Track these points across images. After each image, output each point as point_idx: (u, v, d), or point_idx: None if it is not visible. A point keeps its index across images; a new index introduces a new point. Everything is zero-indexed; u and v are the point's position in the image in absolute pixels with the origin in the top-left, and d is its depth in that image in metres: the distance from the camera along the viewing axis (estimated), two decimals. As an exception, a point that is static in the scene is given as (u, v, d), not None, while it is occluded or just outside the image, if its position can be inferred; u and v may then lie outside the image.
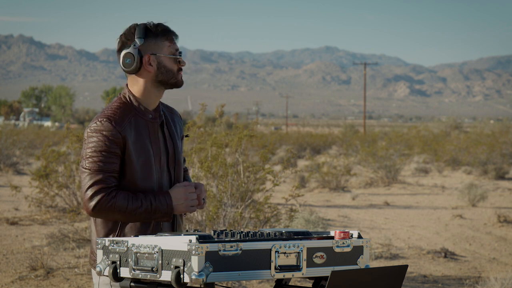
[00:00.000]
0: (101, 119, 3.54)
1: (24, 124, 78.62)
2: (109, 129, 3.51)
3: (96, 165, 3.50)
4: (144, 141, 3.60)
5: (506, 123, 52.08)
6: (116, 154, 3.52)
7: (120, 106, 3.61)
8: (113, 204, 3.48)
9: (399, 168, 24.05)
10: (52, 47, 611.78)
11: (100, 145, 3.50)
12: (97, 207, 3.49)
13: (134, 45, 3.60)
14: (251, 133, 9.59)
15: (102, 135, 3.51)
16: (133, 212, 3.50)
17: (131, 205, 3.49)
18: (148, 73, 3.63)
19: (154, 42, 3.62)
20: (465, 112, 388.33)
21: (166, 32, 3.64)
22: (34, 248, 10.28)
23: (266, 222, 9.04)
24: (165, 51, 3.63)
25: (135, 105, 3.63)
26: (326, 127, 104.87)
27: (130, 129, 3.56)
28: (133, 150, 3.55)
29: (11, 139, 25.69)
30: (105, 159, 3.50)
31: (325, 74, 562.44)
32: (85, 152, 3.54)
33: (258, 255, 3.13)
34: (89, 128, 3.54)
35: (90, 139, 3.52)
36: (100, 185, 3.49)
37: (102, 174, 3.49)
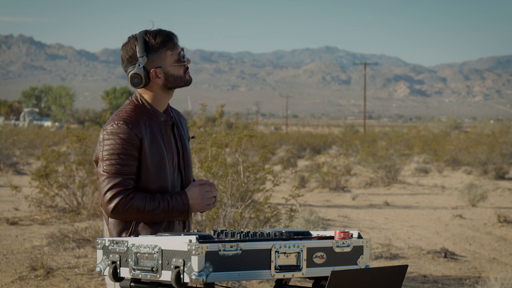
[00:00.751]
0: (117, 121, 3.58)
1: (24, 124, 78.62)
2: (126, 132, 3.56)
3: (114, 168, 3.55)
4: (158, 143, 3.65)
5: (506, 123, 52.10)
6: (134, 156, 3.58)
7: (134, 109, 3.67)
8: (131, 205, 3.54)
9: (399, 168, 24.05)
10: (52, 47, 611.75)
11: (118, 148, 3.55)
12: (116, 209, 3.54)
13: (138, 65, 3.64)
14: (251, 133, 9.59)
15: (119, 138, 3.56)
16: (151, 213, 3.56)
17: (149, 206, 3.55)
18: (157, 84, 3.70)
19: (157, 55, 3.66)
20: (465, 112, 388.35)
21: (165, 43, 3.68)
22: (34, 248, 10.28)
23: (266, 222, 9.04)
24: (169, 61, 3.67)
25: (148, 108, 3.69)
26: (326, 127, 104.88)
27: (145, 131, 3.62)
28: (148, 152, 3.60)
29: (11, 139, 25.69)
30: (123, 161, 3.55)
31: (325, 74, 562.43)
32: (102, 155, 3.58)
33: (258, 255, 3.13)
34: (105, 131, 3.59)
35: (107, 142, 3.57)
36: (118, 188, 3.54)
37: (120, 177, 3.55)
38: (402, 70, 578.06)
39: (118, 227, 3.63)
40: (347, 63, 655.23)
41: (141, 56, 3.64)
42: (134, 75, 3.65)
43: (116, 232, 3.63)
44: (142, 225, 3.62)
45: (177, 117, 3.85)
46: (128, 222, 3.62)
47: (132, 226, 3.62)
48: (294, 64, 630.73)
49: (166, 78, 3.68)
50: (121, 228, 3.63)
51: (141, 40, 3.65)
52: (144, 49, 3.65)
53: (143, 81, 3.66)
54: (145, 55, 3.64)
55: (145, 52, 3.65)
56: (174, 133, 3.77)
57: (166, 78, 3.68)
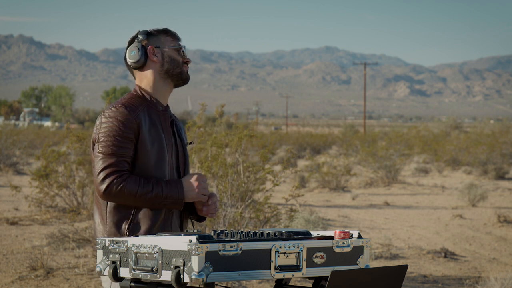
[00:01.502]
0: (116, 105, 3.59)
1: (24, 124, 78.62)
2: (123, 114, 3.55)
3: (110, 149, 3.53)
4: (158, 130, 3.65)
5: (506, 123, 52.09)
6: (130, 139, 3.55)
7: (133, 97, 3.68)
8: (123, 187, 3.49)
9: (399, 168, 24.05)
10: (52, 47, 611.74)
11: (114, 130, 3.53)
12: (107, 189, 3.49)
13: (137, 40, 3.70)
14: (251, 133, 9.59)
15: (116, 120, 3.54)
16: (143, 196, 3.50)
17: (142, 189, 3.50)
18: (154, 64, 3.70)
19: (157, 38, 3.73)
20: (465, 112, 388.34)
21: (167, 30, 3.77)
22: (34, 248, 10.28)
23: (266, 222, 9.03)
24: (168, 44, 3.72)
25: (146, 97, 3.69)
26: (326, 127, 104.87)
27: (144, 117, 3.61)
28: (147, 137, 3.59)
29: (11, 139, 25.69)
30: (118, 143, 3.53)
31: (325, 74, 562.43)
32: (98, 137, 3.56)
33: (258, 255, 3.13)
34: (103, 115, 3.58)
35: (104, 125, 3.56)
36: (111, 168, 3.51)
37: (115, 158, 3.52)
38: (402, 70, 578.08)
39: (117, 215, 3.57)
40: (347, 63, 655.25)
41: (141, 34, 3.71)
42: (131, 47, 3.69)
43: (115, 221, 3.56)
44: (143, 213, 3.56)
45: (177, 121, 3.86)
46: (127, 209, 3.56)
47: (132, 214, 3.56)
48: (294, 64, 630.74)
49: (163, 58, 3.69)
50: (121, 217, 3.57)
51: (142, 30, 3.74)
52: (145, 32, 3.73)
53: (140, 54, 3.67)
54: (145, 37, 3.71)
55: (145, 35, 3.72)
56: (174, 130, 3.76)
57: (163, 57, 3.69)
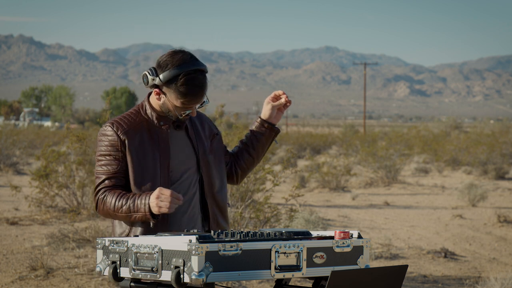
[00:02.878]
0: (106, 123, 3.68)
1: (24, 124, 78.63)
2: (109, 133, 3.64)
3: (101, 168, 3.65)
4: (149, 147, 3.65)
5: (506, 123, 52.09)
6: (116, 157, 3.62)
7: (131, 113, 3.72)
8: (104, 202, 3.60)
9: (399, 168, 24.04)
10: (52, 47, 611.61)
11: (103, 150, 3.65)
12: (97, 208, 3.65)
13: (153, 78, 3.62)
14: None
15: (105, 139, 3.65)
16: (118, 210, 3.57)
17: (116, 204, 3.57)
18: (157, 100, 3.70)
19: (171, 91, 3.62)
20: (465, 112, 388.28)
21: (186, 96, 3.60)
22: (34, 248, 10.27)
23: (266, 222, 9.03)
24: (176, 103, 3.64)
25: (145, 112, 3.71)
26: (326, 127, 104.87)
27: (134, 134, 3.64)
28: (135, 154, 3.62)
29: (11, 139, 25.68)
30: (107, 162, 3.63)
31: (325, 74, 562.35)
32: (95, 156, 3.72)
33: (258, 255, 3.13)
34: (99, 132, 3.69)
35: (98, 143, 3.67)
36: (99, 187, 3.64)
37: (104, 177, 3.63)
38: (402, 70, 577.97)
39: (121, 229, 3.69)
40: (347, 63, 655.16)
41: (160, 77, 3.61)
42: (145, 75, 3.66)
43: (117, 234, 3.70)
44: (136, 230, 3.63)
45: (198, 119, 3.84)
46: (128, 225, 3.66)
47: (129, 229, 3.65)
48: (294, 64, 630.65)
49: (163, 103, 3.68)
50: (121, 231, 3.68)
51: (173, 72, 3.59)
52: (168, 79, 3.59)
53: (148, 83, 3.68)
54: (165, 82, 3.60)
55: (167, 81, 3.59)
56: (188, 135, 3.76)
57: (162, 103, 3.68)
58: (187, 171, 3.71)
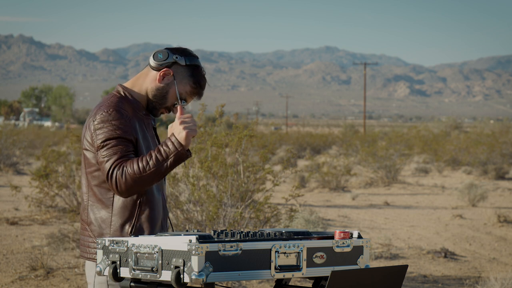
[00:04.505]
0: (107, 109, 3.53)
1: (24, 124, 78.66)
2: (117, 117, 3.51)
3: (111, 150, 3.47)
4: (144, 132, 3.64)
5: (506, 123, 52.03)
6: (128, 140, 3.51)
7: (119, 100, 3.61)
8: (125, 172, 3.43)
9: (399, 168, 24.05)
10: (52, 47, 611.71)
11: (111, 134, 3.48)
12: (118, 184, 3.44)
13: (175, 56, 3.62)
14: (251, 133, 9.58)
15: (110, 124, 3.50)
16: (145, 170, 3.41)
17: (140, 165, 3.42)
18: (154, 80, 3.65)
19: (186, 75, 3.64)
20: (465, 112, 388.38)
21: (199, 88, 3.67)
22: (34, 248, 10.28)
23: (266, 222, 9.03)
24: (181, 89, 3.64)
25: (130, 99, 3.65)
26: (326, 127, 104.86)
27: (133, 120, 3.59)
28: (140, 139, 3.58)
29: (11, 139, 25.69)
30: (117, 142, 3.48)
31: (325, 74, 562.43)
32: (97, 144, 3.51)
33: (258, 255, 3.13)
34: (96, 121, 3.53)
35: (99, 131, 3.51)
36: (114, 164, 3.45)
37: (116, 156, 3.46)
38: (402, 70, 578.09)
39: (122, 218, 3.56)
40: (347, 63, 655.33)
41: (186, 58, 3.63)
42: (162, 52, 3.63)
43: (120, 224, 3.55)
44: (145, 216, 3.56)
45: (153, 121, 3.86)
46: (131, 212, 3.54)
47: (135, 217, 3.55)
48: (294, 64, 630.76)
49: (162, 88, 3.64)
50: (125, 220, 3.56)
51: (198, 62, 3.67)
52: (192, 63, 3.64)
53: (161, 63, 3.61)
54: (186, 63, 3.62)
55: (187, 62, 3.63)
56: (155, 132, 3.77)
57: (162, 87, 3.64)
58: None
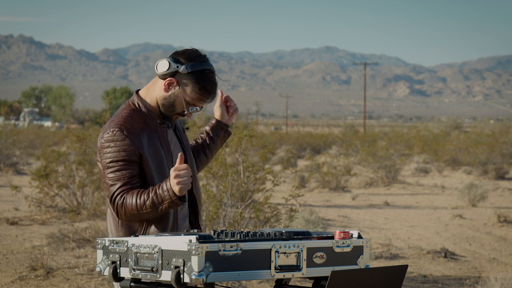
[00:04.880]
0: (113, 129, 3.56)
1: (24, 124, 78.68)
2: (120, 138, 3.54)
3: (114, 174, 3.54)
4: (156, 145, 3.64)
5: (506, 123, 52.05)
6: (132, 161, 3.55)
7: (130, 114, 3.63)
8: (125, 206, 3.51)
9: (399, 168, 24.04)
10: (52, 47, 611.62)
11: (115, 156, 3.54)
12: (118, 212, 3.54)
13: (177, 66, 3.59)
14: (251, 133, 9.58)
15: (114, 145, 3.54)
16: (142, 208, 3.49)
17: (138, 202, 3.50)
18: (162, 89, 3.65)
19: (191, 82, 3.60)
20: (465, 112, 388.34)
21: (206, 93, 3.61)
22: (34, 248, 10.27)
23: (266, 222, 9.03)
24: (187, 97, 3.62)
25: (143, 111, 3.66)
26: (326, 127, 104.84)
27: (142, 135, 3.60)
28: (148, 155, 3.58)
29: (11, 139, 25.68)
30: (121, 167, 3.54)
31: (325, 74, 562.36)
32: (103, 164, 3.57)
33: (258, 255, 3.13)
34: (103, 138, 3.57)
35: (106, 150, 3.56)
36: (116, 192, 3.53)
37: (120, 183, 3.54)
38: (402, 70, 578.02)
39: (130, 229, 3.61)
40: (347, 63, 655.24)
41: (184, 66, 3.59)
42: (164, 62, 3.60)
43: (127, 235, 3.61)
44: (153, 229, 3.58)
45: (179, 123, 3.87)
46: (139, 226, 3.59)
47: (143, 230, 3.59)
48: (294, 64, 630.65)
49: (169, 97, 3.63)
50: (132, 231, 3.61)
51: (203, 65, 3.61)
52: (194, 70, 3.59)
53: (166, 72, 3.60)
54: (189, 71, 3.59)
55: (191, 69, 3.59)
56: (177, 136, 3.77)
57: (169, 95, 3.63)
58: None
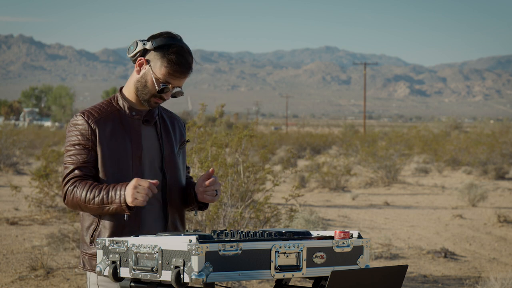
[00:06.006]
0: (77, 114, 3.61)
1: (24, 124, 78.67)
2: (80, 123, 3.56)
3: (70, 158, 3.56)
4: (121, 137, 3.59)
5: (506, 123, 52.03)
6: (86, 146, 3.54)
7: (102, 103, 3.66)
8: (74, 194, 3.51)
9: (399, 168, 24.04)
10: (52, 47, 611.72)
11: (73, 139, 3.57)
12: (65, 198, 3.55)
13: (143, 43, 3.59)
14: (251, 133, 9.58)
15: (75, 129, 3.57)
16: (90, 202, 3.47)
17: (88, 195, 3.48)
18: (136, 73, 3.64)
19: (159, 58, 3.57)
20: (465, 112, 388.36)
21: (173, 65, 3.55)
22: (34, 248, 10.28)
23: (266, 222, 9.03)
24: (157, 73, 3.57)
25: (117, 102, 3.65)
26: (326, 127, 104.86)
27: (105, 123, 3.57)
28: (106, 144, 3.56)
29: (11, 139, 25.69)
30: (77, 151, 3.55)
31: (325, 74, 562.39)
32: (64, 147, 3.64)
33: (258, 255, 3.13)
34: (69, 123, 3.62)
35: (68, 134, 3.60)
36: (68, 177, 3.54)
37: (73, 167, 3.54)
38: (402, 70, 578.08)
39: (86, 222, 3.58)
40: (347, 63, 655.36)
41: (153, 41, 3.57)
42: (133, 43, 3.61)
43: (85, 228, 3.58)
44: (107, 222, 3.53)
45: (170, 119, 3.78)
46: (94, 217, 3.55)
47: (97, 222, 3.55)
48: (294, 64, 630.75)
49: (142, 76, 3.60)
50: (88, 224, 3.58)
51: (165, 37, 3.58)
52: (159, 44, 3.56)
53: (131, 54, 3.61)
54: (156, 46, 3.55)
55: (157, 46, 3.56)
56: (157, 132, 3.69)
57: (142, 76, 3.60)
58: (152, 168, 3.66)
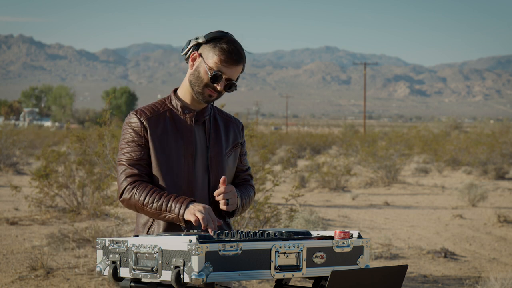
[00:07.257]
0: (131, 112, 3.71)
1: (24, 124, 78.70)
2: (133, 121, 3.66)
3: (124, 156, 3.65)
4: (173, 134, 3.67)
5: (506, 123, 52.02)
6: (140, 143, 3.63)
7: (156, 103, 3.76)
8: (132, 194, 3.59)
9: (399, 168, 24.04)
10: (52, 47, 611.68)
11: (127, 137, 3.66)
12: (122, 196, 3.63)
13: (196, 38, 3.69)
14: (251, 133, 9.58)
15: (128, 126, 3.67)
16: (147, 205, 3.56)
17: (147, 199, 3.56)
18: (190, 68, 3.72)
19: (210, 49, 3.65)
20: (465, 112, 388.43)
21: (225, 52, 3.62)
22: (34, 248, 10.27)
23: (266, 222, 9.03)
24: (210, 62, 3.63)
25: (170, 102, 3.74)
26: (326, 127, 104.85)
27: (157, 121, 3.66)
28: (157, 141, 3.64)
29: (11, 139, 25.69)
30: (131, 148, 3.64)
31: (325, 74, 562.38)
32: (119, 146, 3.72)
33: (258, 255, 3.13)
34: (124, 122, 3.71)
35: (122, 132, 3.70)
36: (125, 175, 3.62)
37: (129, 164, 3.62)
38: (402, 70, 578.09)
39: (142, 218, 3.69)
40: (347, 63, 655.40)
41: (203, 37, 3.68)
42: (187, 42, 3.71)
43: (141, 224, 3.69)
44: (159, 221, 3.62)
45: (224, 121, 3.81)
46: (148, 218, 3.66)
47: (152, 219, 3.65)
48: (294, 64, 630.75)
49: (195, 69, 3.67)
50: (145, 221, 3.68)
51: (215, 32, 3.68)
52: (210, 37, 3.66)
53: (184, 51, 3.72)
54: (207, 39, 3.66)
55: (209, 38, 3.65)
56: (205, 132, 3.73)
57: (195, 69, 3.67)
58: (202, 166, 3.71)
